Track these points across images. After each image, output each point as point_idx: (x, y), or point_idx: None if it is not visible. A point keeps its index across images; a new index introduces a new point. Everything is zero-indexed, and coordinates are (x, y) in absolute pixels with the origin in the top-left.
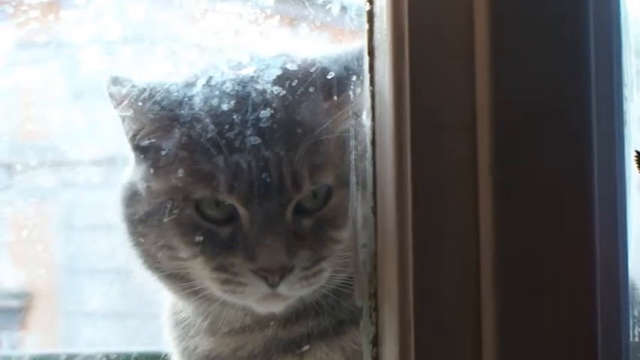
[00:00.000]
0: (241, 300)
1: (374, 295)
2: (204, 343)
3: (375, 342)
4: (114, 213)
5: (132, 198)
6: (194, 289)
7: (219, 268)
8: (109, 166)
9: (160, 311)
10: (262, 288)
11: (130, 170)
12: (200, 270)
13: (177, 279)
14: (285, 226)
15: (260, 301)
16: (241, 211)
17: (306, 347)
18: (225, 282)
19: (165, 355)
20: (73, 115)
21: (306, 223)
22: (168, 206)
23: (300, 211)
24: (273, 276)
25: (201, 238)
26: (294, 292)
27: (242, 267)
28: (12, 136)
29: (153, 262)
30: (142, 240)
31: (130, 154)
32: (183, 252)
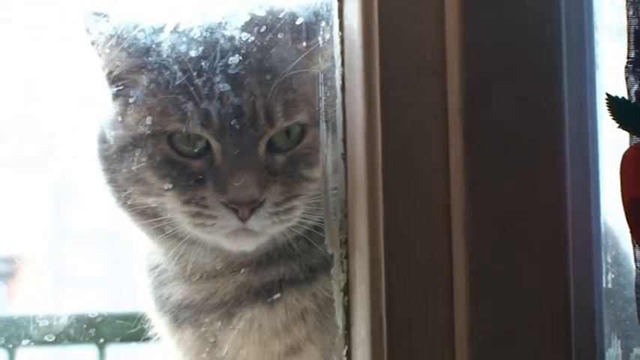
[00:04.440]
0: (211, 234)
1: (345, 243)
2: (177, 291)
3: (347, 290)
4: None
5: (107, 134)
6: (164, 224)
7: (190, 202)
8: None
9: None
10: (233, 221)
11: (107, 107)
12: (171, 204)
13: (149, 216)
14: (257, 160)
15: (230, 236)
16: (214, 144)
17: (277, 296)
18: (195, 215)
19: (140, 316)
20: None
21: (279, 159)
22: (141, 140)
23: (273, 149)
24: (243, 209)
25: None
26: (264, 227)
27: (213, 199)
28: None
29: (125, 199)
30: (115, 176)
31: (107, 90)
32: (155, 186)
